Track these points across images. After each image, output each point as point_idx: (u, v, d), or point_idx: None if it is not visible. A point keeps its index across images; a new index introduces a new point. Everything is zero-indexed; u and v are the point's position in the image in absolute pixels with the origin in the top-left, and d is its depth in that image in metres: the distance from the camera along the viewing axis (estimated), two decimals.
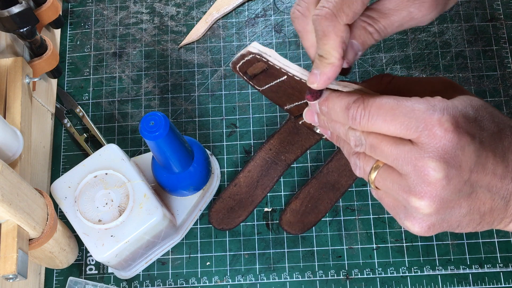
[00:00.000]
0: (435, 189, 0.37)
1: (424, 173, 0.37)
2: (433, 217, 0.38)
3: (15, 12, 0.59)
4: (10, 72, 0.62)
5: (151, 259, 0.66)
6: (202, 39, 0.76)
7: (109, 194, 0.59)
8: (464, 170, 0.37)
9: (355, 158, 0.42)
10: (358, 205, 0.67)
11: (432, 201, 0.37)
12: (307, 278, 0.65)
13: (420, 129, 0.36)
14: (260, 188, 0.61)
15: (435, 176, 0.36)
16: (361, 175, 0.42)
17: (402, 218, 0.40)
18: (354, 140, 0.40)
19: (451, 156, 0.36)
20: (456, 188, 0.37)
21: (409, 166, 0.37)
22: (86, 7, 0.78)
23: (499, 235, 0.66)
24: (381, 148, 0.39)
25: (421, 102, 0.37)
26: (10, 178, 0.49)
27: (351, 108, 0.39)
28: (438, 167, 0.36)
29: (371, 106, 0.38)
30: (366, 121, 0.38)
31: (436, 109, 0.36)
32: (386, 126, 0.38)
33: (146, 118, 0.53)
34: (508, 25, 0.74)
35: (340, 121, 0.41)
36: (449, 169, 0.36)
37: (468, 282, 0.64)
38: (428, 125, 0.36)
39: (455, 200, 0.38)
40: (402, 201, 0.39)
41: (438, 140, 0.36)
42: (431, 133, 0.36)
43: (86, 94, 0.74)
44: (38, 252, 0.57)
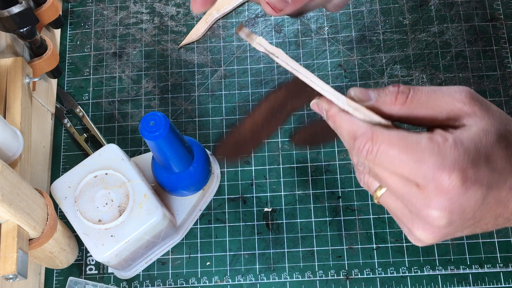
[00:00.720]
0: (438, 230, 0.38)
1: (427, 219, 0.37)
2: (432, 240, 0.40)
3: (15, 12, 0.59)
4: (10, 72, 0.62)
5: (151, 259, 0.66)
6: (202, 39, 0.76)
7: (109, 194, 0.59)
8: (468, 214, 0.37)
9: (360, 174, 0.42)
10: (358, 205, 0.67)
11: (434, 236, 0.39)
12: (307, 278, 0.65)
13: (429, 180, 0.36)
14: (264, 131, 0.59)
15: (438, 224, 0.37)
16: (365, 188, 0.42)
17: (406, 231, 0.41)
18: (357, 163, 0.40)
19: (456, 206, 0.37)
20: (459, 226, 0.38)
21: (413, 208, 0.38)
22: (86, 7, 0.78)
23: (499, 235, 0.66)
24: (386, 182, 0.39)
25: (432, 148, 0.36)
26: (10, 178, 0.49)
27: (358, 140, 0.38)
28: (441, 216, 0.37)
29: (380, 144, 0.37)
30: (373, 158, 0.38)
31: (446, 163, 0.36)
32: (394, 168, 0.37)
33: (146, 118, 0.53)
34: (508, 25, 0.74)
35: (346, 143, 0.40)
36: (452, 216, 0.37)
37: (468, 282, 0.64)
38: (437, 179, 0.36)
39: (459, 231, 0.39)
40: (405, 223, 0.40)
41: (445, 193, 0.36)
42: (440, 186, 0.36)
43: (86, 94, 0.74)
44: (38, 252, 0.57)
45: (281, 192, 0.68)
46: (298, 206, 0.68)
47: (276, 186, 0.68)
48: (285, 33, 0.75)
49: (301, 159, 0.69)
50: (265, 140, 0.60)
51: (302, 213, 0.67)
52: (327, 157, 0.69)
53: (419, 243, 0.41)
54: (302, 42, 0.75)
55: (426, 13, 0.75)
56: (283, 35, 0.75)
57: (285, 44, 0.75)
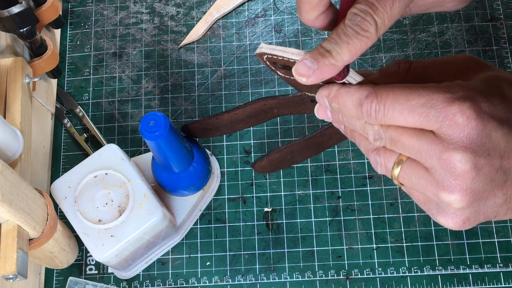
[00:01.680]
0: (465, 182, 0.34)
1: (450, 166, 0.34)
2: (467, 210, 0.36)
3: (15, 12, 0.59)
4: (10, 72, 0.62)
5: (151, 259, 0.66)
6: (202, 39, 0.76)
7: (109, 194, 0.59)
8: (494, 157, 0.34)
9: (375, 155, 0.39)
10: (358, 205, 0.67)
11: (463, 194, 0.35)
12: (307, 278, 0.65)
13: (441, 120, 0.34)
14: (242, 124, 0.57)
15: (463, 168, 0.34)
16: (383, 172, 0.39)
17: (434, 213, 0.38)
18: (372, 135, 0.38)
19: (478, 145, 0.34)
20: (488, 177, 0.34)
21: (434, 159, 0.35)
22: (86, 7, 0.78)
23: (499, 235, 0.66)
24: (402, 142, 0.36)
25: (439, 89, 0.34)
26: (10, 178, 0.49)
27: (364, 104, 0.36)
28: (464, 158, 0.34)
29: (385, 100, 0.35)
30: (382, 116, 0.36)
31: (455, 95, 0.34)
32: (405, 119, 0.35)
33: (146, 118, 0.53)
34: (508, 25, 0.74)
35: (354, 117, 0.38)
36: (477, 158, 0.34)
37: (468, 282, 0.64)
38: (448, 115, 0.33)
39: (489, 190, 0.35)
40: (431, 197, 0.37)
41: (461, 130, 0.33)
42: (453, 122, 0.33)
43: (86, 94, 0.74)
44: (38, 252, 0.57)
45: (281, 192, 0.68)
46: (298, 206, 0.68)
47: (276, 186, 0.68)
48: (285, 33, 0.75)
49: None
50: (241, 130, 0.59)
51: (302, 213, 0.67)
52: (327, 157, 0.69)
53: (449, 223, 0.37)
54: (302, 42, 0.75)
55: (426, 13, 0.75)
56: (283, 35, 0.75)
57: (285, 44, 0.75)
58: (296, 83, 0.42)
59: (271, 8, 0.77)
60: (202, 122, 0.58)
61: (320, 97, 0.40)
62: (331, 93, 0.39)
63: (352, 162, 0.69)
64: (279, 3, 0.77)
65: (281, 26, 0.76)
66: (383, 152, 0.39)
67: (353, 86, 0.38)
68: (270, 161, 0.57)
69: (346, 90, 0.38)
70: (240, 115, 0.55)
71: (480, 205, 0.36)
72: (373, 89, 0.36)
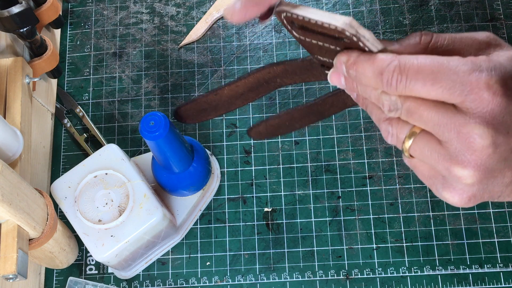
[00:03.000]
0: (480, 158, 0.34)
1: (469, 140, 0.34)
2: (475, 187, 0.36)
3: (15, 12, 0.59)
4: (10, 72, 0.62)
5: (151, 259, 0.66)
6: (202, 39, 0.76)
7: (109, 194, 0.59)
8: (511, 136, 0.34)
9: (387, 125, 0.38)
10: (358, 205, 0.67)
11: (476, 170, 0.34)
12: (307, 278, 0.65)
13: (466, 93, 0.33)
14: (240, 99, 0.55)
15: (481, 144, 0.33)
16: (394, 143, 0.39)
17: (439, 188, 0.37)
18: (388, 105, 0.37)
19: (499, 122, 0.33)
20: (502, 156, 0.34)
21: (452, 132, 0.34)
22: (86, 7, 0.78)
23: (499, 235, 0.66)
24: (419, 113, 0.35)
25: (465, 62, 0.34)
26: (10, 178, 0.49)
27: (385, 73, 0.35)
28: (485, 133, 0.33)
29: (408, 70, 0.34)
30: (404, 87, 0.35)
31: (482, 70, 0.33)
32: (427, 91, 0.34)
33: (146, 118, 0.53)
34: (508, 25, 0.74)
35: (372, 86, 0.37)
36: (497, 135, 0.33)
37: (468, 282, 0.64)
38: (474, 88, 0.33)
39: (500, 169, 0.35)
40: (442, 171, 0.36)
41: (486, 105, 0.33)
42: (478, 96, 0.33)
43: (86, 94, 0.74)
44: (38, 252, 0.57)
45: (281, 192, 0.68)
46: (298, 206, 0.68)
47: (276, 186, 0.68)
48: (285, 33, 0.75)
49: (301, 159, 0.69)
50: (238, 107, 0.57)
51: (302, 213, 0.67)
52: (327, 157, 0.69)
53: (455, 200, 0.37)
54: None
55: (426, 13, 0.75)
56: (283, 35, 0.75)
57: (285, 44, 0.75)
58: (310, 45, 0.41)
59: None
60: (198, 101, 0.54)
61: (339, 62, 0.39)
62: (350, 59, 0.38)
63: (352, 162, 0.69)
64: None
65: (281, 26, 0.76)
66: (396, 123, 0.38)
67: (374, 54, 0.36)
68: (267, 127, 0.55)
69: (367, 57, 0.36)
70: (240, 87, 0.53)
71: (488, 183, 0.36)
72: (396, 58, 0.35)
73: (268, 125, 0.55)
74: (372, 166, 0.69)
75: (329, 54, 0.41)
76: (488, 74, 0.33)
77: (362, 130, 0.70)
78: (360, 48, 0.38)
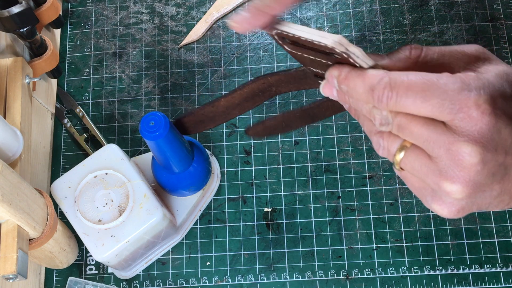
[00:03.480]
0: (469, 174, 0.35)
1: (458, 158, 0.34)
2: (464, 201, 0.36)
3: (15, 12, 0.59)
4: (10, 72, 0.62)
5: (151, 259, 0.66)
6: (202, 39, 0.76)
7: (109, 194, 0.59)
8: (500, 153, 0.34)
9: (378, 138, 0.39)
10: (358, 205, 0.67)
11: (465, 186, 0.35)
12: (307, 278, 0.65)
13: (455, 111, 0.34)
14: (237, 109, 0.56)
15: (470, 161, 0.34)
16: (385, 155, 0.39)
17: (429, 200, 0.38)
18: (379, 119, 0.37)
19: (488, 140, 0.34)
20: (490, 172, 0.35)
21: (442, 149, 0.35)
22: (86, 7, 0.78)
23: (499, 235, 0.66)
24: (410, 129, 0.36)
25: (454, 81, 0.34)
26: (10, 178, 0.49)
27: (376, 90, 0.36)
28: (474, 151, 0.34)
29: (399, 87, 0.35)
30: (394, 103, 0.35)
31: (471, 88, 0.34)
32: (417, 108, 0.35)
33: (146, 118, 0.53)
34: (508, 25, 0.74)
35: (363, 101, 0.38)
36: (485, 153, 0.34)
37: (468, 282, 0.64)
38: (463, 107, 0.33)
39: (488, 184, 0.36)
40: (431, 184, 0.37)
41: (475, 123, 0.33)
42: (467, 115, 0.33)
43: (86, 94, 0.74)
44: (38, 252, 0.57)
45: (281, 192, 0.68)
46: (298, 206, 0.68)
47: (276, 186, 0.68)
48: None
49: (301, 159, 0.69)
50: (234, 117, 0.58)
51: (302, 213, 0.67)
52: (327, 157, 0.69)
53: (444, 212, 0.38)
54: None
55: (426, 13, 0.75)
56: None
57: None
58: (303, 58, 0.41)
59: None
60: (196, 113, 0.56)
61: (330, 76, 0.40)
62: (341, 75, 0.38)
63: (352, 162, 0.69)
64: None
65: None
66: (387, 136, 0.38)
67: (365, 70, 0.37)
68: (264, 128, 0.56)
69: (357, 73, 0.37)
70: (236, 98, 0.54)
71: (477, 197, 0.36)
72: (386, 74, 0.36)
73: (265, 126, 0.56)
74: (372, 166, 0.69)
75: (321, 67, 0.42)
76: (477, 93, 0.34)
77: (362, 130, 0.70)
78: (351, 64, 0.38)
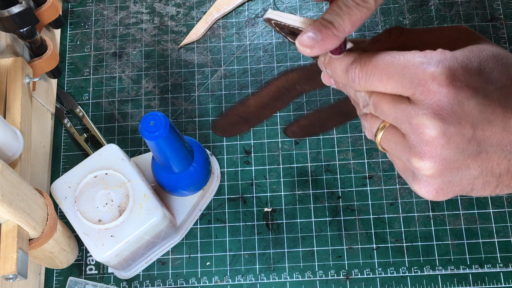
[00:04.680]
0: (434, 148, 0.35)
1: (419, 131, 0.34)
2: (438, 179, 0.36)
3: (15, 12, 0.59)
4: (10, 72, 0.62)
5: (151, 259, 0.66)
6: (202, 39, 0.76)
7: (109, 194, 0.59)
8: (464, 127, 0.34)
9: (364, 120, 0.40)
10: (358, 205, 0.67)
11: (433, 161, 0.35)
12: (307, 278, 0.65)
13: (415, 85, 0.34)
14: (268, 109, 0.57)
15: (431, 134, 0.34)
16: (369, 137, 0.40)
17: (410, 181, 0.38)
18: (362, 101, 0.38)
19: (448, 112, 0.34)
20: (459, 147, 0.34)
21: (406, 124, 0.35)
22: (86, 7, 0.78)
23: (499, 235, 0.66)
24: (381, 107, 0.37)
25: (416, 56, 0.35)
26: (10, 178, 0.49)
27: (350, 70, 0.37)
28: (432, 124, 0.34)
29: (367, 66, 0.36)
30: (364, 82, 0.36)
31: (431, 62, 0.34)
32: (383, 85, 0.36)
33: (146, 118, 0.53)
34: (508, 25, 0.74)
35: (344, 83, 0.39)
36: (446, 126, 0.34)
37: (468, 282, 0.64)
38: (421, 81, 0.34)
39: (461, 160, 0.35)
40: (406, 163, 0.37)
41: (433, 96, 0.34)
42: (425, 88, 0.34)
43: (86, 94, 0.74)
44: (38, 252, 0.57)
45: (281, 192, 0.68)
46: (298, 206, 0.68)
47: (276, 186, 0.68)
48: None
49: (301, 159, 0.69)
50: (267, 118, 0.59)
51: (302, 213, 0.67)
52: (327, 157, 0.69)
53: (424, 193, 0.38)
54: None
55: (426, 13, 0.75)
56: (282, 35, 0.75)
57: (285, 44, 0.75)
58: None
59: (271, 8, 0.77)
60: (230, 114, 0.57)
61: (319, 63, 0.41)
62: (325, 60, 0.40)
63: (352, 162, 0.69)
64: (279, 3, 0.77)
65: None
66: (370, 118, 0.39)
67: (343, 52, 0.38)
68: (300, 127, 0.57)
69: (336, 57, 0.38)
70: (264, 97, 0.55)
71: (452, 175, 0.36)
72: (358, 55, 0.37)
73: (299, 125, 0.57)
74: (372, 166, 0.69)
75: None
76: (435, 65, 0.34)
77: (362, 130, 0.70)
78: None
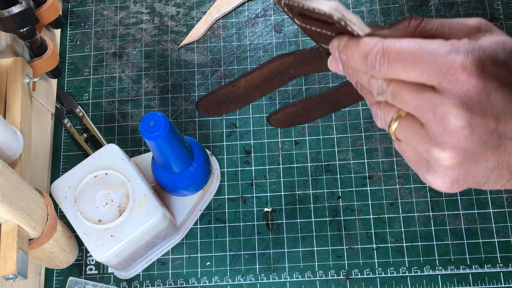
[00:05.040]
0: (458, 139, 0.34)
1: (444, 121, 0.34)
2: (456, 170, 0.36)
3: (15, 12, 0.59)
4: (10, 72, 0.62)
5: (151, 259, 0.66)
6: (202, 39, 0.76)
7: (109, 194, 0.59)
8: (489, 118, 0.34)
9: (376, 108, 0.39)
10: (358, 205, 0.67)
11: (454, 152, 0.34)
12: (307, 278, 0.65)
13: (442, 75, 0.34)
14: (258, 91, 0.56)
15: (457, 124, 0.34)
16: (382, 126, 0.39)
17: (424, 172, 0.38)
18: (376, 89, 0.38)
19: (475, 103, 0.33)
20: (481, 138, 0.34)
21: (430, 113, 0.35)
22: (86, 7, 0.78)
23: (499, 235, 0.66)
24: (401, 95, 0.36)
25: (444, 45, 0.34)
26: (10, 178, 0.49)
27: (370, 56, 0.36)
28: (459, 114, 0.33)
29: (390, 53, 0.35)
30: (386, 69, 0.36)
31: (459, 51, 0.34)
32: (407, 73, 0.35)
33: (146, 118, 0.53)
34: (508, 25, 0.74)
35: (361, 70, 0.38)
36: (473, 117, 0.33)
37: (468, 282, 0.64)
38: (450, 70, 0.33)
39: (481, 152, 0.35)
40: (423, 153, 0.37)
41: (461, 86, 0.33)
42: (454, 78, 0.33)
43: (86, 94, 0.74)
44: (38, 252, 0.57)
45: (281, 192, 0.68)
46: (298, 206, 0.68)
47: (276, 186, 0.68)
48: (285, 33, 0.75)
49: (301, 159, 0.69)
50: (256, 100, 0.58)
51: (302, 213, 0.67)
52: (327, 157, 0.69)
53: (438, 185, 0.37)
54: (302, 42, 0.75)
55: (426, 13, 0.75)
56: (283, 35, 0.75)
57: (285, 44, 0.75)
58: (312, 33, 0.41)
59: (271, 8, 0.77)
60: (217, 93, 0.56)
61: (332, 48, 0.40)
62: (340, 44, 0.39)
63: (352, 162, 0.69)
64: None
65: (281, 26, 0.76)
66: (384, 106, 0.39)
67: (361, 38, 0.37)
68: (286, 115, 0.56)
69: (354, 42, 0.37)
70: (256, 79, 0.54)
71: (470, 167, 0.36)
72: (380, 41, 0.36)
73: (285, 113, 0.56)
74: (372, 166, 0.69)
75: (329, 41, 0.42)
76: (465, 55, 0.33)
77: (362, 130, 0.70)
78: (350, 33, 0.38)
